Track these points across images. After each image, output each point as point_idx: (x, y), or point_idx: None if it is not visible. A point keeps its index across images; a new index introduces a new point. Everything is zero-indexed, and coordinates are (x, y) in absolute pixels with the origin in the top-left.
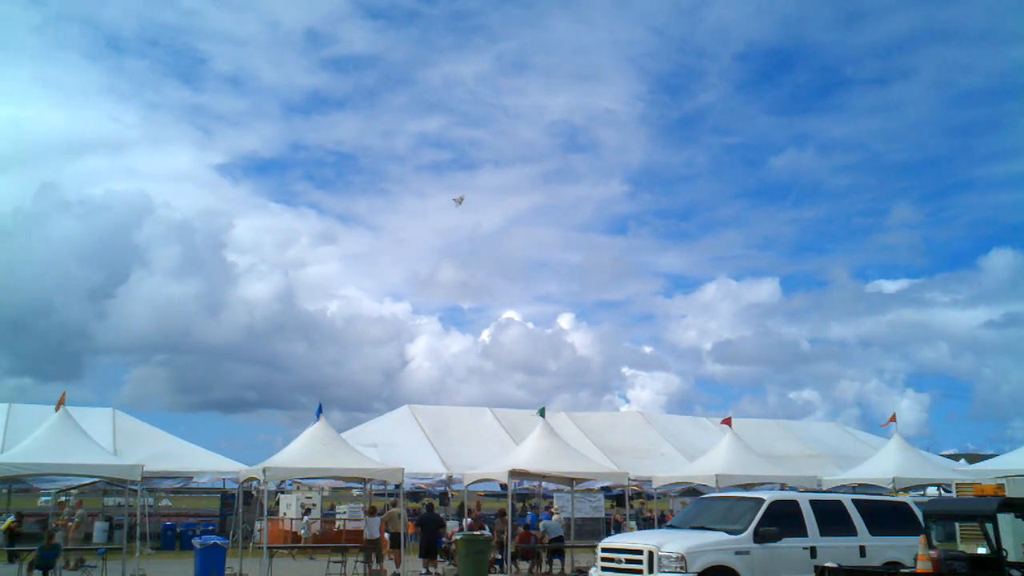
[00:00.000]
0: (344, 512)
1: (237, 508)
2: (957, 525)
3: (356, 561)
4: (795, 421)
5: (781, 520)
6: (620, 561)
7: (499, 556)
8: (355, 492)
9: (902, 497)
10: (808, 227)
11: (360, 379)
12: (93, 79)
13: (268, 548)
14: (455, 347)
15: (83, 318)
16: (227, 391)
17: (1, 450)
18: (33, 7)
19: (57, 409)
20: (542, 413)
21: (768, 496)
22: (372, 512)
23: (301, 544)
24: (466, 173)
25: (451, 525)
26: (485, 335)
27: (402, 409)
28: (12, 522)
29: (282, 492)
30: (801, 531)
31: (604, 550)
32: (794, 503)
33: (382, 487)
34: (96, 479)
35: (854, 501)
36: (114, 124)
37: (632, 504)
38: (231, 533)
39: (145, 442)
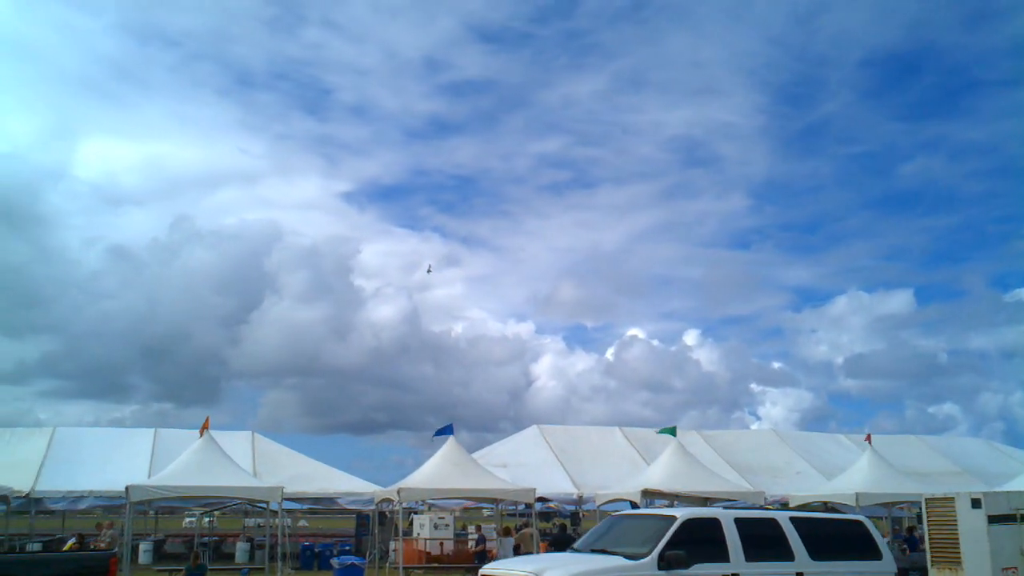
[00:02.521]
0: (475, 533)
1: (373, 528)
2: None
3: None
4: (938, 436)
5: (696, 542)
6: None
7: None
8: (485, 512)
9: (855, 515)
10: (942, 235)
11: (486, 399)
12: (225, 114)
13: (404, 568)
14: (580, 366)
15: (218, 344)
16: (357, 413)
17: (149, 473)
18: (169, 48)
19: (201, 433)
20: (672, 432)
21: (682, 514)
22: (506, 533)
23: (436, 563)
24: (585, 192)
25: None
26: (609, 353)
27: (531, 429)
28: (73, 544)
29: (415, 513)
30: (721, 555)
31: None
32: (714, 522)
33: (513, 508)
34: (239, 501)
35: (793, 520)
36: (245, 157)
37: None
38: (367, 553)
39: (283, 464)
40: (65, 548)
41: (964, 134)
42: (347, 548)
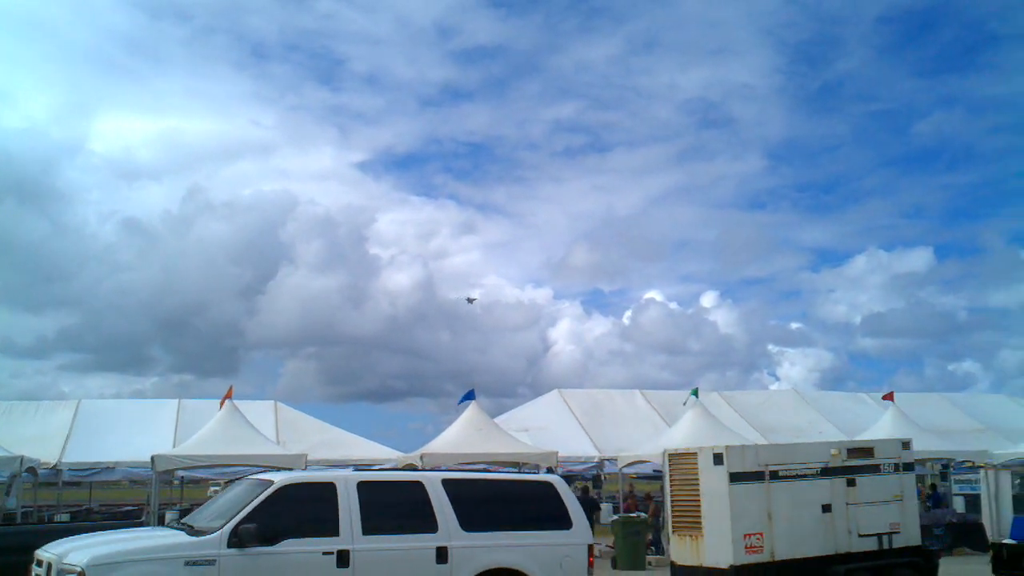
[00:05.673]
0: None
1: None
2: None
3: None
4: (960, 394)
5: (296, 513)
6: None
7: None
8: None
9: (547, 476)
10: (961, 192)
11: (505, 365)
12: (239, 86)
13: None
14: (598, 330)
15: (236, 314)
16: (376, 381)
17: (173, 443)
18: (182, 22)
19: (223, 403)
20: (695, 394)
21: (281, 478)
22: None
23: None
24: (600, 155)
25: (605, 508)
26: (627, 317)
27: (552, 394)
28: None
29: None
30: (331, 528)
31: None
32: (326, 488)
33: (535, 472)
34: (263, 468)
35: (449, 482)
36: (259, 128)
37: None
38: None
39: (306, 432)
40: None
41: (982, 89)
42: None
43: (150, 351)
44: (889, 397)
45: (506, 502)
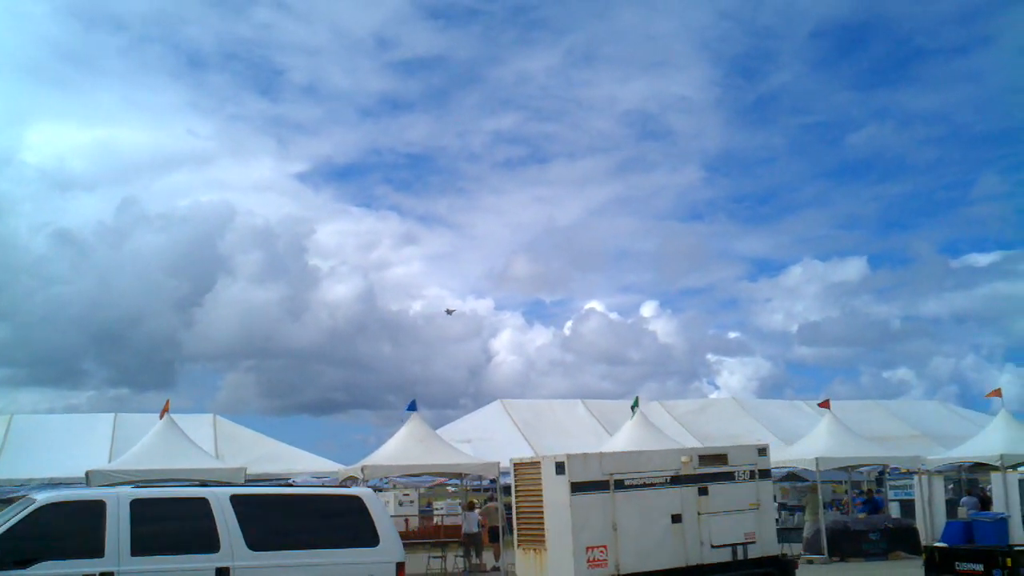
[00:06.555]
0: (441, 508)
1: None
2: None
3: (456, 556)
4: (894, 401)
5: (58, 534)
6: None
7: None
8: (450, 489)
9: (355, 489)
10: (893, 203)
11: (447, 376)
12: (176, 96)
13: None
14: (539, 340)
15: (173, 327)
16: (317, 393)
17: (110, 458)
18: (117, 31)
19: (162, 416)
20: (636, 404)
21: (44, 497)
22: (470, 507)
23: (403, 540)
24: (540, 167)
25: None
26: (568, 327)
27: (493, 404)
28: None
29: (379, 490)
30: (95, 550)
31: None
32: (96, 505)
33: (478, 483)
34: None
35: (238, 499)
36: (196, 139)
37: None
38: None
39: (245, 446)
40: None
41: (912, 103)
42: None
43: (85, 365)
44: (825, 405)
45: (305, 519)
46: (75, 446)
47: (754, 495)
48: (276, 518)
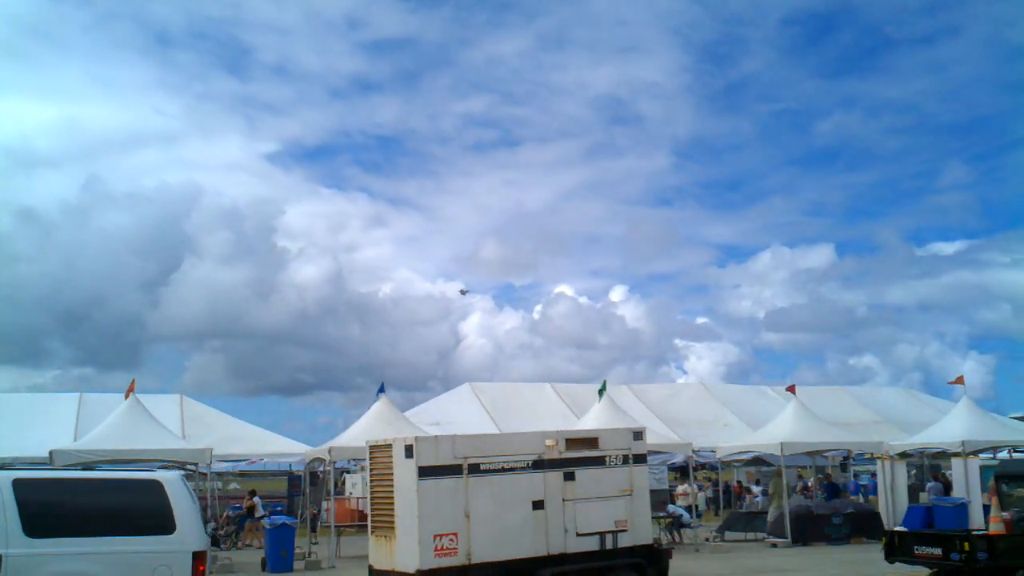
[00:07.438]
0: None
1: (304, 489)
2: None
3: None
4: (859, 387)
5: None
6: None
7: None
8: None
9: (158, 473)
10: (860, 192)
11: (416, 359)
12: (143, 74)
13: (336, 527)
14: (508, 324)
15: (138, 307)
16: (285, 375)
17: (74, 437)
18: (85, 6)
19: (127, 396)
20: (604, 388)
21: None
22: None
23: (368, 522)
24: (510, 150)
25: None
26: (537, 311)
27: (462, 387)
28: None
29: (347, 472)
30: None
31: None
32: None
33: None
34: (167, 463)
35: (20, 483)
36: (164, 117)
37: (696, 476)
38: (299, 513)
39: (212, 427)
40: None
41: (880, 92)
42: (279, 509)
43: (49, 344)
44: (791, 390)
45: (95, 505)
46: (39, 426)
47: (627, 481)
48: (62, 504)
